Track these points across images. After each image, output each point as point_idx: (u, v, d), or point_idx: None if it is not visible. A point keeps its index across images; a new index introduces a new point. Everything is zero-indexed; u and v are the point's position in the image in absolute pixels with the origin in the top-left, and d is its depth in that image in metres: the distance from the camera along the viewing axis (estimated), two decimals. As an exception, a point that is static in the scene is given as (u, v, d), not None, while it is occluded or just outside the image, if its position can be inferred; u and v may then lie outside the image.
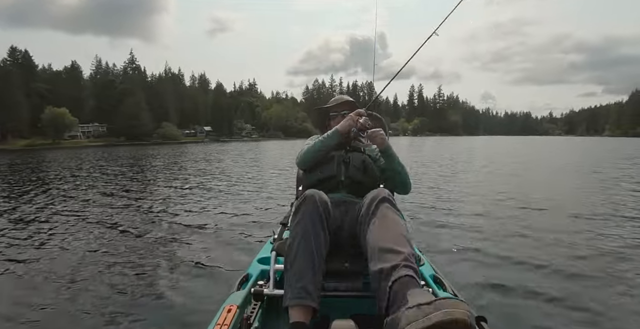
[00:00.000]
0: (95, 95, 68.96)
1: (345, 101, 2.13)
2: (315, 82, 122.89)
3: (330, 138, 1.84)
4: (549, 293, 2.72)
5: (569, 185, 8.82)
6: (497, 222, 4.97)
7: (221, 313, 1.38)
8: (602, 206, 6.06)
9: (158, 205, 6.46)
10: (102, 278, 3.10)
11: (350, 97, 2.19)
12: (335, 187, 1.82)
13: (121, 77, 74.40)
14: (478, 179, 10.28)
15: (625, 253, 3.67)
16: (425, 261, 1.87)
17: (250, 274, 1.79)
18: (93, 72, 74.60)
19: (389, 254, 1.25)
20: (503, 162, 16.33)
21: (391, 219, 1.40)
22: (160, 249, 3.90)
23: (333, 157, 1.87)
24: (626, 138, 77.65)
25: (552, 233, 4.35)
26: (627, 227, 4.67)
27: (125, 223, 5.11)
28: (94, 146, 50.53)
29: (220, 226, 4.79)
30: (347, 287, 1.48)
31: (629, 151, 25.65)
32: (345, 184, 1.82)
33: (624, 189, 7.88)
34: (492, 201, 6.70)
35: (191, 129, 79.78)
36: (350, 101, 2.14)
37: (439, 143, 45.23)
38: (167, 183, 9.56)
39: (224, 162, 17.24)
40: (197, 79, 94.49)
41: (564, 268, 3.24)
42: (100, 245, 4.08)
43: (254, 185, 8.91)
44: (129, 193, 8.01)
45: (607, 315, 2.42)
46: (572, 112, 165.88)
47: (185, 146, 43.29)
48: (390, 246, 1.28)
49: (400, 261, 1.21)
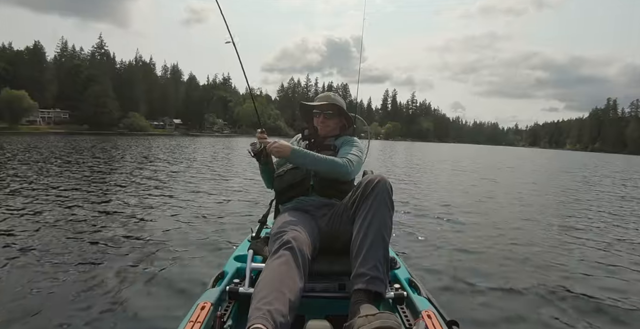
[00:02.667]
0: (58, 79, 65.38)
1: (330, 104, 1.98)
2: (290, 80, 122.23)
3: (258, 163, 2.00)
4: (524, 296, 2.76)
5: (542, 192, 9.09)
6: (476, 225, 5.10)
7: (194, 310, 1.36)
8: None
9: (129, 199, 5.93)
10: (67, 273, 2.86)
11: (338, 98, 2.04)
12: (306, 191, 1.83)
13: (88, 62, 71.11)
14: (468, 184, 10.38)
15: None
16: (400, 264, 1.86)
17: (226, 272, 1.76)
18: (58, 54, 71.06)
19: (364, 259, 1.40)
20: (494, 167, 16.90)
21: (381, 216, 1.46)
22: (132, 244, 3.64)
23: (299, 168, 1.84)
24: (584, 152, 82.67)
25: (525, 232, 4.64)
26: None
27: (93, 218, 4.65)
28: (54, 133, 47.55)
29: (197, 223, 4.56)
30: (323, 288, 1.50)
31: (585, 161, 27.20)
32: (315, 188, 1.82)
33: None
34: (478, 204, 6.80)
35: (160, 121, 77.25)
36: (335, 105, 1.99)
37: (422, 147, 46.06)
38: (137, 177, 8.94)
39: (197, 156, 16.80)
40: (169, 70, 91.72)
41: (539, 272, 3.30)
42: (61, 242, 3.63)
43: (231, 182, 8.57)
44: (93, 185, 7.41)
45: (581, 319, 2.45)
46: (536, 125, 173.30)
47: (153, 138, 41.59)
48: (367, 248, 1.41)
49: (368, 270, 1.37)
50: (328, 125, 1.99)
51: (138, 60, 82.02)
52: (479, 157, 29.95)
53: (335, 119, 2.00)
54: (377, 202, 1.48)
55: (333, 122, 2.00)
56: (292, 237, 1.42)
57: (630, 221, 5.84)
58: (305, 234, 1.50)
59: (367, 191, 1.51)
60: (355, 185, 1.68)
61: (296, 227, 1.51)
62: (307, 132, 2.07)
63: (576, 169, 19.85)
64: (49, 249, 3.37)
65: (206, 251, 3.49)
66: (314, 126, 2.05)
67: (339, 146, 1.93)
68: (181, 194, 6.53)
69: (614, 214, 6.41)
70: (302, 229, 1.51)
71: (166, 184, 7.85)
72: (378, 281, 1.36)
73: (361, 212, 1.50)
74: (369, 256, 1.39)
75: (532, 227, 5.10)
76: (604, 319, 2.45)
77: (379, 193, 1.49)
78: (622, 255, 3.93)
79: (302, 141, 2.06)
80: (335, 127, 2.02)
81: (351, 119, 2.06)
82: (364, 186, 1.53)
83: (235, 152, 20.79)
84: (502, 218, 5.64)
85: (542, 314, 2.47)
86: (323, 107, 1.98)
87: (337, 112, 1.99)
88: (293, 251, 1.36)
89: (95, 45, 74.10)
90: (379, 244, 1.42)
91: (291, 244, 1.38)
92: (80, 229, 4.11)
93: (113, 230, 4.10)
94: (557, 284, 3.00)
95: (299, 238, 1.43)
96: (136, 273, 2.93)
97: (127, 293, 2.56)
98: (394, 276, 1.77)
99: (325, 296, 1.51)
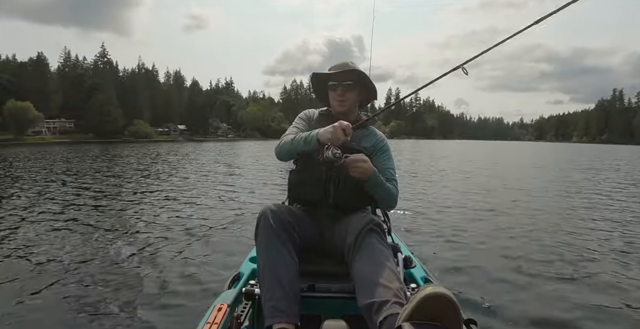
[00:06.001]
0: (62, 89, 65.68)
1: (351, 70, 1.63)
2: (293, 82, 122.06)
3: (308, 144, 1.52)
4: (544, 296, 2.69)
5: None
6: (493, 224, 4.99)
7: (212, 311, 1.38)
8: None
9: (147, 205, 6.10)
10: (92, 277, 2.98)
11: (356, 64, 1.67)
12: (323, 194, 1.59)
13: (91, 71, 71.41)
14: (479, 182, 10.12)
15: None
16: (416, 263, 1.83)
17: (241, 273, 1.78)
18: (61, 64, 71.40)
19: (379, 289, 1.22)
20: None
21: (379, 252, 1.35)
22: (151, 247, 3.77)
23: (320, 174, 1.57)
24: (592, 144, 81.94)
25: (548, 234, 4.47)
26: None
27: (110, 221, 4.92)
28: (60, 143, 47.75)
29: (212, 225, 4.67)
30: (338, 288, 1.48)
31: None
32: (332, 207, 1.60)
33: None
34: (496, 204, 6.59)
35: (164, 127, 77.36)
36: (355, 70, 1.64)
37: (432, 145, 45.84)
38: (155, 182, 9.10)
39: (206, 160, 16.99)
40: (172, 76, 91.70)
41: (559, 270, 3.23)
42: (87, 246, 3.84)
43: (245, 183, 8.72)
44: (108, 192, 7.42)
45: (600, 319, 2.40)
46: (542, 118, 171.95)
47: (159, 145, 41.75)
48: (380, 280, 1.25)
49: (391, 297, 1.19)
50: (347, 98, 1.65)
51: (141, 68, 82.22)
52: (494, 155, 28.67)
53: (356, 91, 1.67)
54: (373, 239, 1.38)
55: (353, 95, 1.67)
56: (262, 213, 1.42)
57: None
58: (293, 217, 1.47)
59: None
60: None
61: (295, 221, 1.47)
62: (325, 111, 1.76)
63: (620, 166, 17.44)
64: (74, 253, 3.56)
65: (222, 253, 3.57)
66: (329, 103, 1.73)
67: (372, 151, 1.66)
68: (196, 198, 6.64)
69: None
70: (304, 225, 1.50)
71: (180, 187, 8.01)
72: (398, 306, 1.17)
73: (360, 249, 1.37)
74: (386, 285, 1.24)
75: (569, 228, 4.78)
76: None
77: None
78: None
79: (318, 122, 1.72)
80: (355, 102, 1.70)
81: (373, 92, 1.74)
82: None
83: (239, 158, 20.63)
84: (531, 218, 5.32)
85: (558, 311, 2.44)
86: (341, 76, 1.63)
87: (357, 81, 1.65)
88: (271, 229, 1.37)
89: (98, 54, 74.43)
90: (392, 276, 1.28)
91: (267, 222, 1.39)
92: (102, 233, 4.30)
93: (133, 234, 4.25)
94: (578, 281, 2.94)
95: (271, 210, 1.42)
96: (154, 275, 3.02)
97: (145, 294, 2.65)
98: (410, 275, 1.73)
99: (342, 296, 1.47)
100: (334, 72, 1.65)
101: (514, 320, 2.33)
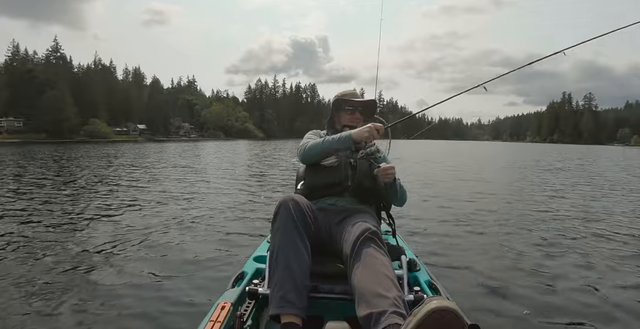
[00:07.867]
0: (10, 85, 61.55)
1: (373, 101, 2.06)
2: (258, 82, 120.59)
3: (341, 143, 1.76)
4: (548, 303, 2.62)
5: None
6: (498, 227, 4.86)
7: (214, 309, 1.39)
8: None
9: (147, 202, 6.09)
10: (92, 276, 2.95)
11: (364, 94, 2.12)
12: (342, 193, 1.79)
13: (43, 66, 67.45)
14: (477, 183, 10.01)
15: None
16: (420, 266, 1.84)
17: (245, 272, 1.79)
18: (9, 58, 66.75)
19: (376, 299, 1.22)
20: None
21: (376, 260, 1.35)
22: (154, 244, 3.79)
23: (340, 160, 1.82)
24: (544, 144, 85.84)
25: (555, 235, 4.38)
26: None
27: (115, 217, 4.97)
28: (8, 144, 44.57)
29: (217, 223, 4.69)
30: (341, 290, 1.49)
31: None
32: (352, 190, 1.79)
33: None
34: (492, 203, 6.60)
35: (123, 126, 74.38)
36: (374, 102, 2.08)
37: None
38: (138, 182, 8.76)
39: (202, 158, 16.60)
40: (130, 73, 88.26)
41: (565, 273, 3.16)
42: (88, 242, 3.87)
43: (249, 182, 8.68)
44: (97, 189, 7.10)
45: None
46: (498, 119, 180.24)
47: (116, 145, 39.50)
48: (378, 290, 1.24)
49: (389, 307, 1.18)
50: (361, 119, 2.01)
51: (97, 64, 78.62)
52: (471, 155, 28.37)
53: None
54: (370, 248, 1.40)
55: (363, 116, 2.04)
56: (283, 201, 1.48)
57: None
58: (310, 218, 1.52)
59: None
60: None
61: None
62: (342, 129, 2.00)
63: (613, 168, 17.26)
64: (76, 254, 3.49)
65: (225, 252, 3.58)
66: (339, 122, 2.05)
67: (376, 158, 1.89)
68: (198, 196, 6.60)
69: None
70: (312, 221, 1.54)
71: (181, 184, 8.03)
72: (402, 318, 1.16)
73: (358, 258, 1.39)
74: (383, 295, 1.23)
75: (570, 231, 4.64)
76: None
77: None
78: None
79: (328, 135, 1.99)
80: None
81: (374, 118, 2.09)
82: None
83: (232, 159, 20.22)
84: (533, 221, 5.20)
85: (568, 315, 2.40)
86: (359, 103, 2.00)
87: (371, 110, 2.06)
88: (290, 217, 1.43)
89: (50, 49, 70.36)
90: (390, 285, 1.28)
91: (287, 210, 1.45)
92: (105, 234, 4.21)
93: (133, 232, 4.22)
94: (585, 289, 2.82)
95: (293, 199, 1.49)
96: (156, 273, 3.02)
97: (148, 292, 2.65)
98: (414, 278, 1.74)
99: (345, 297, 1.47)
100: (354, 99, 2.01)
101: (518, 322, 2.32)
